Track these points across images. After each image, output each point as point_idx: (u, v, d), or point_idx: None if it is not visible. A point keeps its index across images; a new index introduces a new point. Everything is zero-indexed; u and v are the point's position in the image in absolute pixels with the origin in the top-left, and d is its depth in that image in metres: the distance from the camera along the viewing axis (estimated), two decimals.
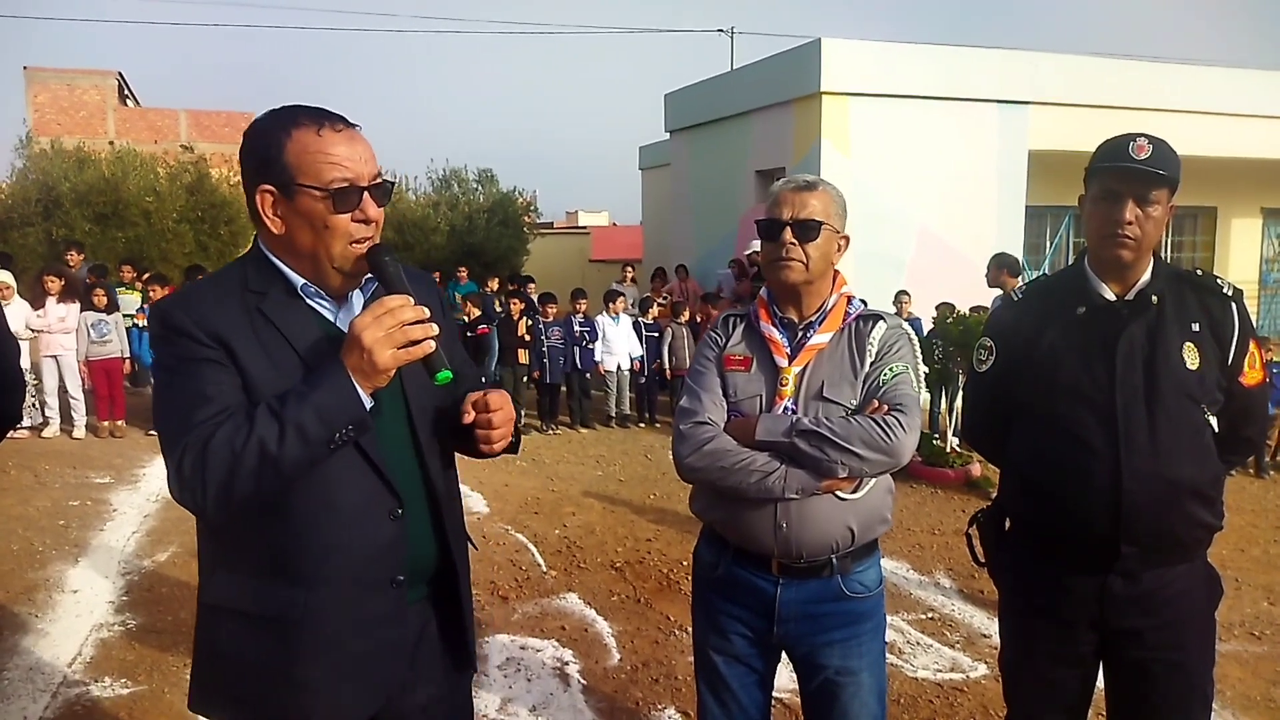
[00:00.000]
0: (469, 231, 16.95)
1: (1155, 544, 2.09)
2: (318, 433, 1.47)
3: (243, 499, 1.48)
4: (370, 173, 1.59)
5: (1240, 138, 11.90)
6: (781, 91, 11.29)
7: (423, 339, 1.50)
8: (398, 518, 1.64)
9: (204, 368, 1.52)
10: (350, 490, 1.58)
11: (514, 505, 6.59)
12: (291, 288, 1.62)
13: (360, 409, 1.50)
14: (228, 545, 1.63)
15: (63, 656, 4.07)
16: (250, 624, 1.60)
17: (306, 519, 1.56)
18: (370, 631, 1.63)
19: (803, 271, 2.14)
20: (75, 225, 14.48)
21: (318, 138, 1.55)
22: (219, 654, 1.64)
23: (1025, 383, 2.23)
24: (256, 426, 1.45)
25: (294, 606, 1.58)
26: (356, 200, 1.56)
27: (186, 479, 1.47)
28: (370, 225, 1.59)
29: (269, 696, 1.61)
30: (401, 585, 1.66)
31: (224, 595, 1.63)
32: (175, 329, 1.54)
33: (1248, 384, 2.14)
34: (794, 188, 2.16)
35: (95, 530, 5.96)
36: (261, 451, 1.44)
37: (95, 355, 8.83)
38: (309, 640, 1.59)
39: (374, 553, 1.61)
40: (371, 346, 1.47)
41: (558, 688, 3.88)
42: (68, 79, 25.40)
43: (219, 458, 1.45)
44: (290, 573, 1.58)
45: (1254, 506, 6.75)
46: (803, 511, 2.07)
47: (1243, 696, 3.84)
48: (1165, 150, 2.06)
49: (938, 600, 4.92)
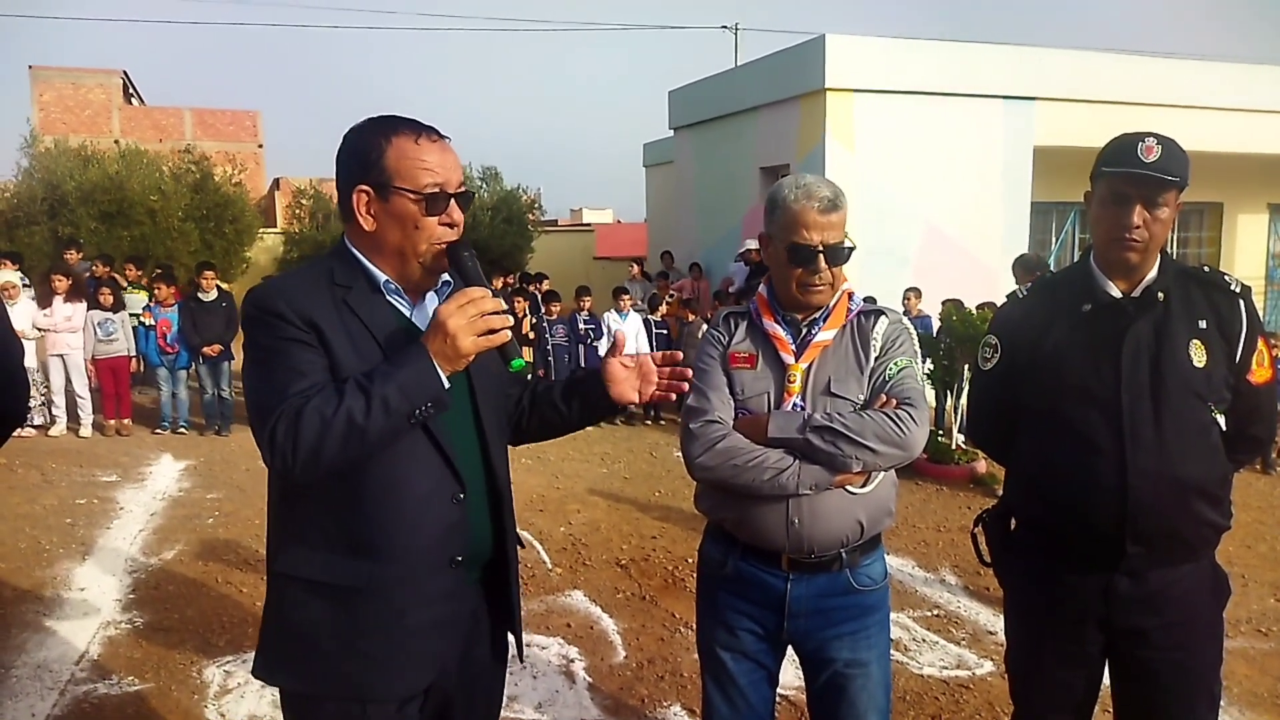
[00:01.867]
0: (473, 229, 16.93)
1: (1161, 543, 2.08)
2: (400, 406, 1.58)
3: (330, 463, 1.59)
4: (457, 180, 1.74)
5: (1247, 133, 11.83)
6: (786, 88, 11.25)
7: (500, 328, 1.62)
8: (460, 501, 1.75)
9: (297, 348, 1.64)
10: (419, 473, 1.70)
11: (519, 503, 6.54)
12: (374, 284, 1.74)
13: (440, 387, 1.61)
14: (302, 518, 1.73)
15: (70, 654, 4.09)
16: (319, 593, 1.70)
17: (377, 497, 1.68)
18: (430, 606, 1.73)
19: (830, 294, 2.18)
20: (80, 224, 14.51)
21: (415, 145, 1.69)
22: (286, 621, 1.74)
23: (1031, 381, 2.22)
24: (346, 398, 1.57)
25: (360, 577, 1.69)
26: (445, 204, 1.71)
27: (279, 443, 1.57)
28: (455, 228, 1.73)
29: (331, 665, 1.70)
30: (460, 566, 1.77)
31: (296, 565, 1.73)
32: (272, 312, 1.66)
33: (1256, 382, 2.13)
34: (820, 209, 2.09)
35: (102, 528, 5.98)
36: (349, 420, 1.56)
37: (102, 354, 8.86)
38: (373, 612, 1.69)
39: (438, 533, 1.73)
40: (455, 332, 1.59)
41: (563, 685, 3.89)
42: (73, 78, 25.49)
43: (311, 424, 1.56)
44: (359, 546, 1.69)
45: (1260, 503, 6.73)
46: (814, 507, 2.09)
47: (1249, 693, 3.83)
48: (1174, 151, 2.03)
49: (943, 597, 4.92)
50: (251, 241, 17.36)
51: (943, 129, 10.81)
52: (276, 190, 24.76)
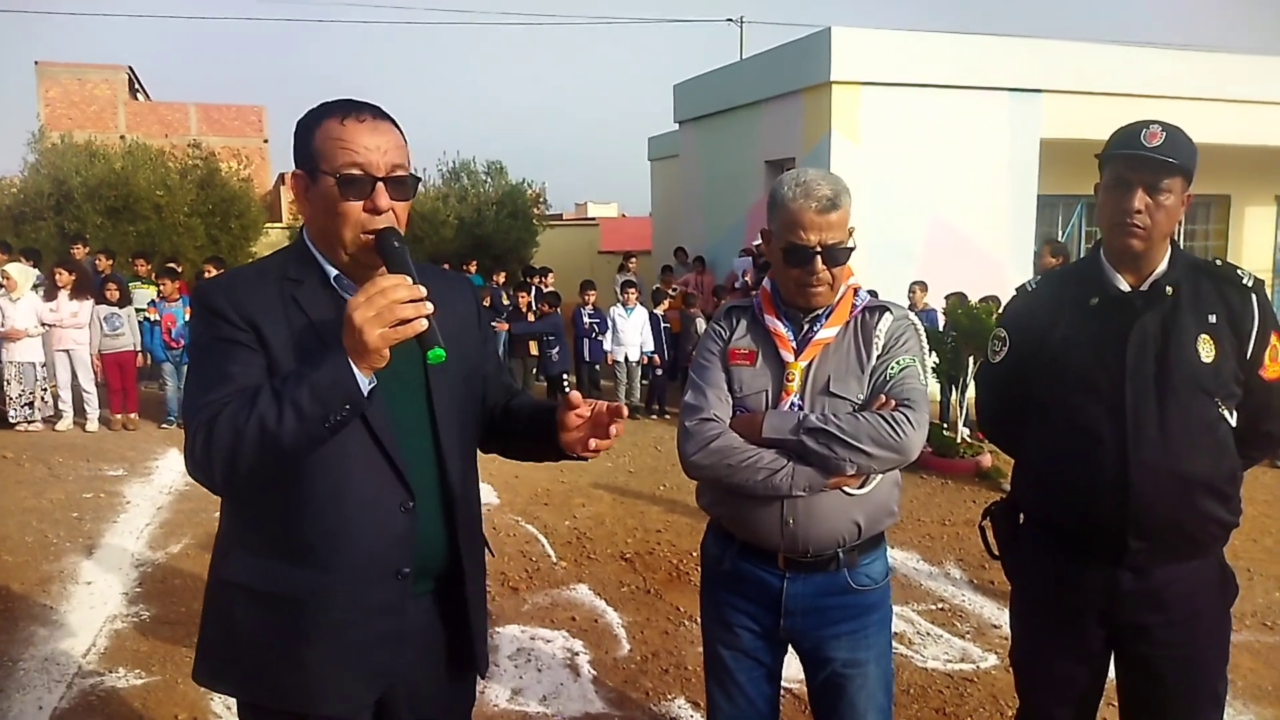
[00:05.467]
0: (478, 224, 16.88)
1: (1165, 539, 2.06)
2: (313, 411, 1.47)
3: (249, 474, 1.51)
4: (389, 163, 1.61)
5: (1254, 125, 11.76)
6: (791, 81, 11.22)
7: (414, 318, 1.46)
8: (408, 510, 1.66)
9: (232, 349, 1.57)
10: (363, 479, 1.62)
11: (524, 497, 6.61)
12: (326, 278, 1.66)
13: (354, 389, 1.48)
14: (246, 524, 1.68)
15: (77, 647, 4.11)
16: (261, 602, 1.64)
17: (320, 504, 1.60)
18: (373, 620, 1.66)
19: (831, 295, 2.13)
20: (86, 219, 14.52)
21: (340, 126, 1.60)
22: (229, 629, 1.68)
23: (1038, 374, 2.20)
24: (258, 404, 1.48)
25: (302, 588, 1.62)
26: (368, 189, 1.58)
27: (197, 455, 1.51)
28: (382, 216, 1.60)
29: (274, 675, 1.65)
30: (406, 578, 1.68)
31: (239, 572, 1.67)
32: (210, 308, 1.60)
33: (1268, 378, 2.09)
34: (818, 208, 2.03)
35: (109, 522, 6.00)
36: (262, 428, 1.47)
37: (108, 349, 8.89)
38: (314, 622, 1.63)
39: (382, 543, 1.64)
40: (361, 325, 1.45)
41: (568, 678, 3.89)
42: (78, 73, 25.51)
43: (223, 434, 1.48)
44: (301, 555, 1.62)
45: (1267, 496, 6.71)
46: (810, 507, 2.06)
47: (1254, 687, 3.82)
48: (1179, 138, 2.01)
49: (948, 591, 4.91)
50: (257, 236, 17.36)
51: (949, 122, 10.77)
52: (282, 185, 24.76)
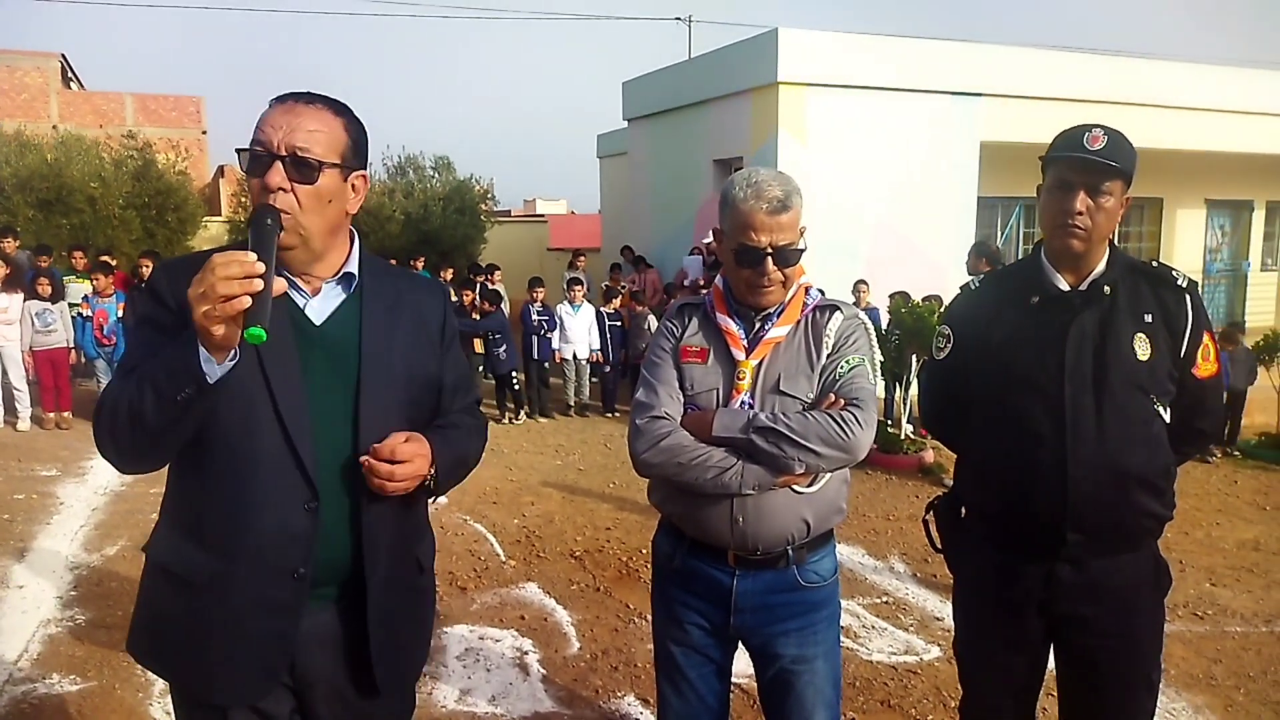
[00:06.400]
0: (425, 219, 16.69)
1: (1102, 532, 2.12)
2: (165, 389, 1.48)
3: (134, 452, 1.57)
4: (289, 144, 1.57)
5: (1187, 130, 12.14)
6: (739, 81, 11.29)
7: (239, 294, 1.39)
8: (311, 510, 1.63)
9: (151, 331, 1.60)
10: (270, 472, 1.61)
11: (472, 495, 6.56)
12: None
13: (196, 369, 1.44)
14: (170, 502, 1.73)
15: (9, 653, 3.98)
16: (173, 582, 1.68)
17: (224, 492, 1.62)
18: (269, 617, 1.65)
19: (782, 294, 2.14)
20: (17, 212, 14.05)
21: (268, 107, 1.64)
22: (151, 606, 1.73)
23: (980, 371, 2.25)
24: (128, 385, 1.52)
25: (203, 572, 1.63)
26: (265, 166, 1.58)
27: (98, 436, 1.58)
28: (273, 194, 1.57)
29: (180, 656, 1.69)
30: (303, 579, 1.64)
31: (161, 551, 1.72)
32: (149, 288, 1.65)
33: (1200, 376, 2.17)
34: (769, 210, 2.03)
35: (41, 524, 5.83)
36: (130, 407, 1.51)
37: (40, 345, 8.58)
38: (212, 609, 1.64)
39: (281, 540, 1.63)
40: (192, 303, 1.41)
41: (517, 677, 3.88)
42: (8, 60, 24.63)
43: (105, 415, 1.55)
44: (207, 541, 1.64)
45: (1197, 490, 6.94)
46: (759, 505, 2.07)
47: (1185, 674, 3.95)
48: (1120, 142, 2.07)
49: (892, 584, 5.00)
50: (195, 230, 16.94)
51: (892, 124, 10.94)
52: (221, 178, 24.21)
